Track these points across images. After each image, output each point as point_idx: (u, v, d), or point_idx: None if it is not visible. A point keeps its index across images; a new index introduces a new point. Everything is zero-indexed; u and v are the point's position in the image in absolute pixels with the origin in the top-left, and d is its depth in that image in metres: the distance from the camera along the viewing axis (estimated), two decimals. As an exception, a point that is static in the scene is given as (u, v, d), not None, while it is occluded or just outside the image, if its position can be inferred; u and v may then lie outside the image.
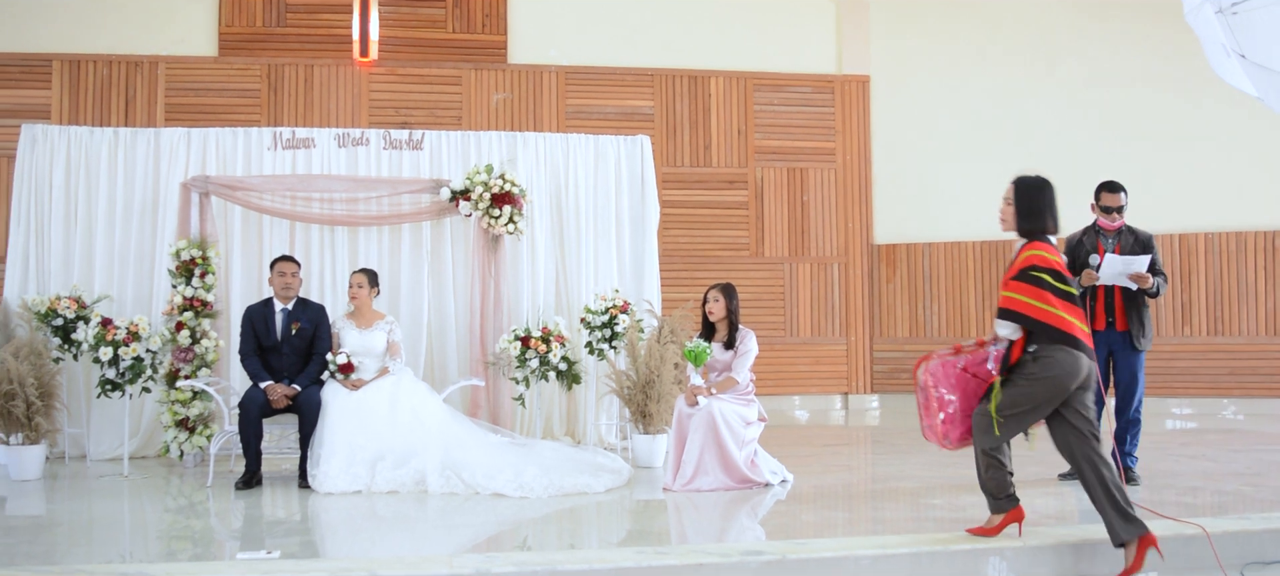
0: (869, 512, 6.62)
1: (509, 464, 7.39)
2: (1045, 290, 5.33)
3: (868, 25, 13.21)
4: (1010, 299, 5.39)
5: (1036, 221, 5.51)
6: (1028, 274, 5.37)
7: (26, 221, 9.15)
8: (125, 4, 11.96)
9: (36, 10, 11.80)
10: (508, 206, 9.13)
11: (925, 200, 12.95)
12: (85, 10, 11.87)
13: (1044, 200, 5.53)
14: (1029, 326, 5.34)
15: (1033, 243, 5.48)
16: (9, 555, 5.51)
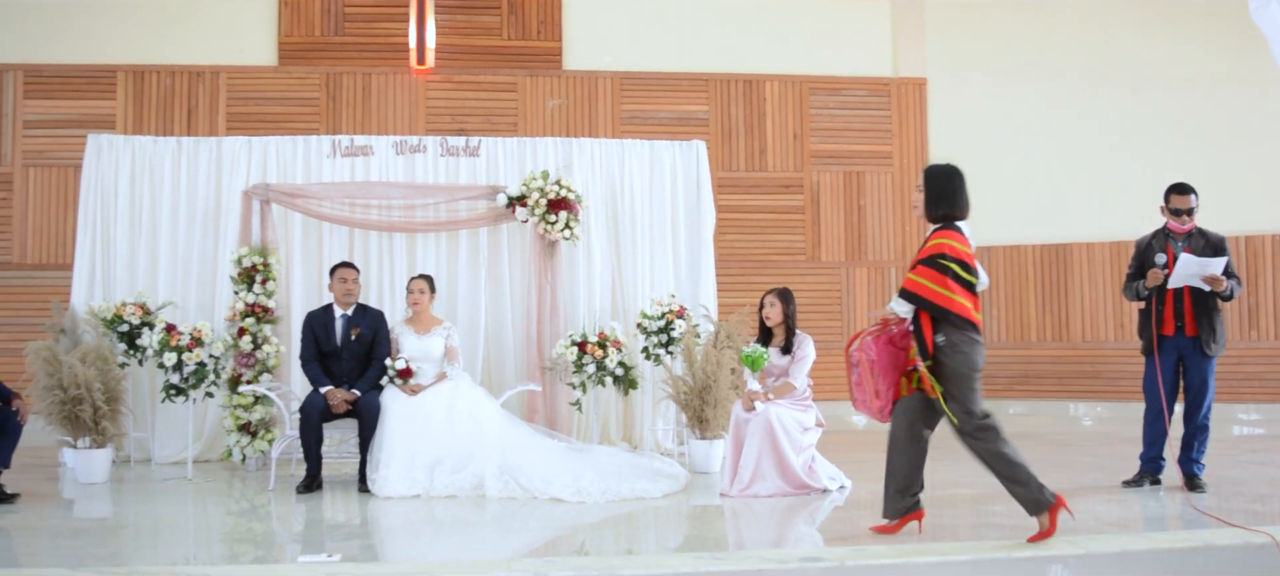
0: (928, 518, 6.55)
1: (566, 469, 7.40)
2: (950, 278, 5.51)
3: (923, 27, 13.10)
4: (914, 282, 5.57)
5: (944, 208, 5.67)
6: (935, 260, 5.54)
7: (93, 229, 9.32)
8: (187, 16, 12.14)
9: (101, 23, 12.02)
10: (564, 212, 9.15)
11: (983, 203, 12.68)
12: (148, 22, 12.07)
13: (952, 187, 5.69)
14: (928, 311, 5.52)
15: (942, 230, 5.63)
16: (77, 556, 5.60)
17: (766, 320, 7.54)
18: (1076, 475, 7.92)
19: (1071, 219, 12.47)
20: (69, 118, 11.78)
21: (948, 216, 5.68)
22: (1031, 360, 12.49)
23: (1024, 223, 12.62)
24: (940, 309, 5.51)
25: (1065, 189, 12.53)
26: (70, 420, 7.98)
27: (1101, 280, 12.19)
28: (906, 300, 5.61)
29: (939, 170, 5.77)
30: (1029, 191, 12.63)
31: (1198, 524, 6.09)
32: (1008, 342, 12.54)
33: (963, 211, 5.71)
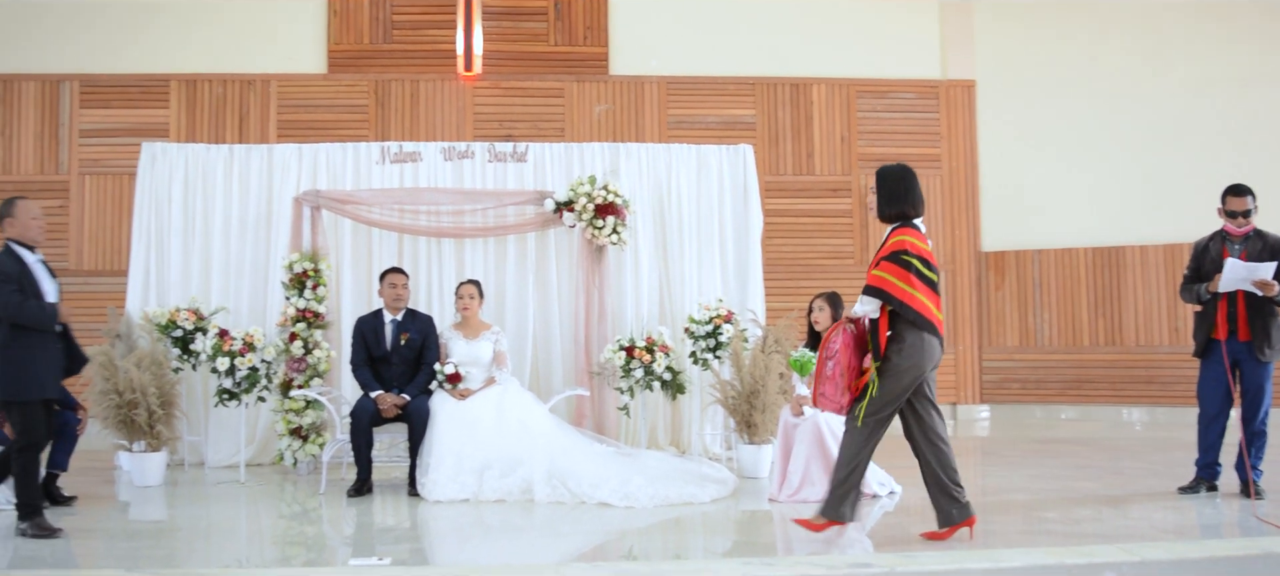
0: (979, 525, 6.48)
1: (614, 473, 7.39)
2: (912, 274, 5.58)
3: (973, 28, 13.00)
4: (879, 277, 5.61)
5: (897, 206, 5.77)
6: (898, 256, 5.60)
7: (147, 236, 9.44)
8: (238, 26, 12.30)
9: (155, 34, 12.20)
10: (611, 217, 9.16)
11: (1035, 206, 12.69)
12: (201, 33, 12.24)
13: (904, 187, 5.79)
14: (892, 306, 5.57)
15: (902, 228, 5.73)
16: (133, 558, 5.68)
17: (815, 325, 7.50)
18: (1131, 481, 7.82)
19: (1124, 221, 12.32)
20: (124, 127, 11.97)
21: (902, 215, 5.78)
22: (1084, 365, 12.35)
23: (1076, 225, 12.49)
24: (904, 305, 5.57)
25: (1117, 191, 12.38)
26: (126, 424, 8.09)
27: (1155, 283, 12.03)
28: (872, 297, 5.65)
29: (891, 170, 5.89)
30: (1080, 194, 12.51)
31: (1256, 531, 6.00)
32: (1060, 347, 12.41)
33: (916, 209, 5.80)
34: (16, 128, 11.96)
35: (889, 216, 5.82)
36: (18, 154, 11.93)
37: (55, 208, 11.85)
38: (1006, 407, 12.53)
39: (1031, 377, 12.55)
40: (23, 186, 11.81)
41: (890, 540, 6.16)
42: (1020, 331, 12.61)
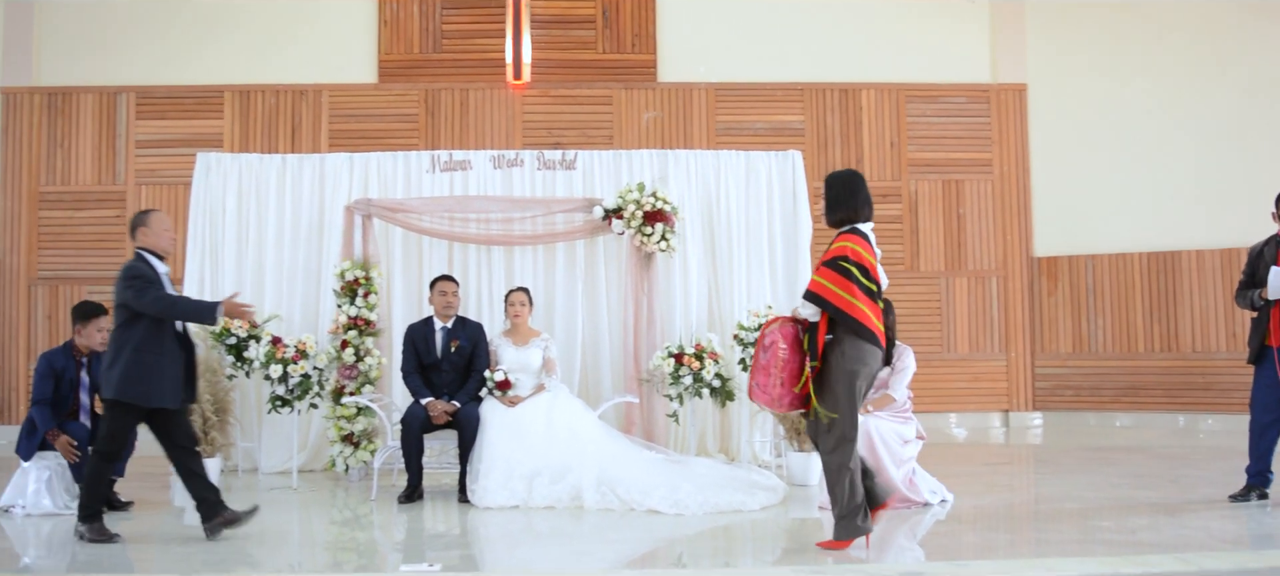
0: (1033, 534, 6.43)
1: (664, 480, 7.38)
2: (852, 282, 5.62)
3: (1024, 32, 12.88)
4: (819, 283, 5.67)
5: (844, 211, 5.84)
6: (838, 263, 5.66)
7: (202, 245, 9.56)
8: (291, 37, 12.45)
9: (209, 46, 12.37)
10: (660, 224, 9.17)
11: (1088, 211, 12.54)
12: (254, 44, 12.40)
13: (850, 191, 5.87)
14: (830, 313, 5.61)
15: (846, 234, 5.77)
16: (187, 563, 5.75)
17: (865, 331, 7.44)
18: (1187, 490, 7.69)
19: (1180, 226, 12.15)
20: (179, 137, 12.15)
21: (849, 220, 5.84)
22: (1139, 371, 12.17)
23: (1130, 230, 12.33)
24: (841, 312, 5.61)
25: (1173, 195, 12.22)
26: (181, 431, 8.18)
27: (1212, 288, 11.85)
28: (810, 302, 5.70)
29: (839, 175, 5.97)
30: (1135, 198, 12.34)
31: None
32: (1114, 353, 12.24)
33: (863, 214, 5.85)
34: (75, 139, 12.17)
35: (836, 221, 5.88)
36: (76, 165, 12.14)
37: (112, 218, 12.05)
38: (1060, 415, 12.38)
39: (1085, 384, 12.39)
40: (81, 197, 12.04)
41: (942, 549, 6.11)
42: (1074, 337, 12.46)
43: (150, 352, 6.23)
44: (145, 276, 6.28)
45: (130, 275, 6.26)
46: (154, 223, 6.51)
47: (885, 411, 7.22)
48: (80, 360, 7.45)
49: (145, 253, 6.44)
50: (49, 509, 7.14)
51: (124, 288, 6.23)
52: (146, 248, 6.45)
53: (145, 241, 6.46)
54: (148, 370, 6.22)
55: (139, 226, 6.50)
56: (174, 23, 12.40)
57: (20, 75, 12.19)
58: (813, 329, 5.72)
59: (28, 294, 11.97)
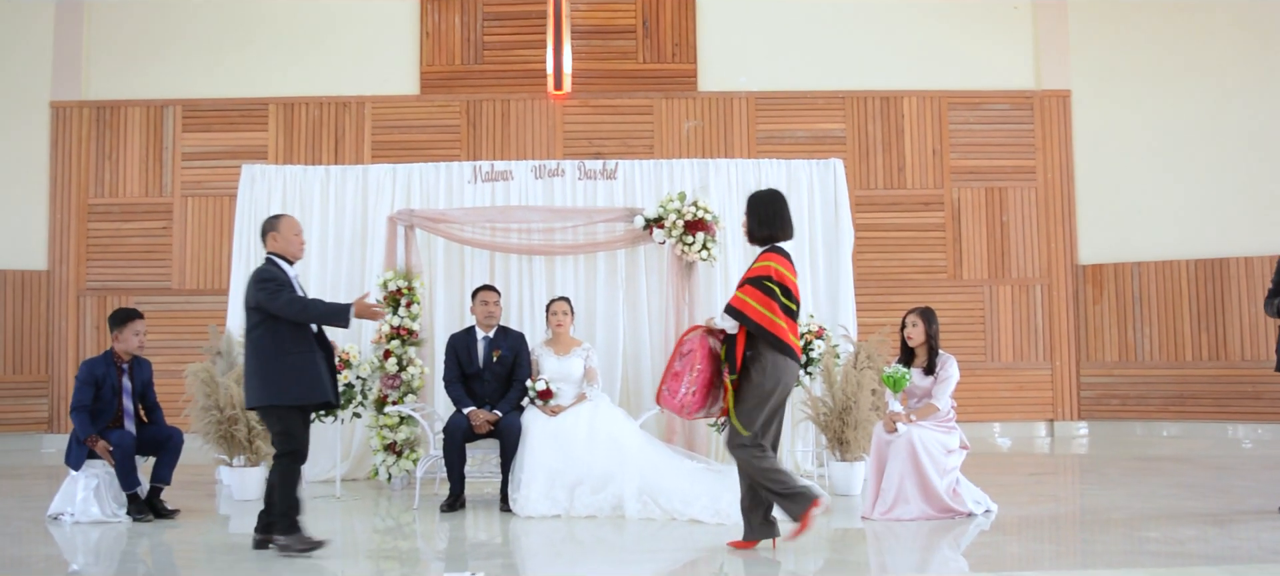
0: (1079, 544, 6.36)
1: (706, 490, 7.36)
2: (773, 300, 5.81)
3: (1067, 37, 12.77)
4: (741, 299, 5.85)
5: (767, 230, 6.05)
6: (761, 282, 5.85)
7: (247, 255, 9.65)
8: (334, 50, 12.56)
9: (253, 59, 12.52)
10: (701, 233, 9.16)
11: (1134, 217, 12.41)
12: (297, 57, 12.53)
13: (773, 211, 6.08)
14: (751, 328, 5.79)
15: (769, 253, 5.97)
16: (231, 571, 5.81)
17: (908, 340, 7.40)
18: (1237, 500, 7.58)
19: (1228, 232, 12.00)
20: (224, 149, 12.30)
21: (771, 238, 6.04)
22: (1187, 380, 12.01)
23: (1177, 237, 12.18)
24: (762, 329, 5.79)
25: (1220, 200, 12.06)
26: (226, 439, 8.28)
27: (1261, 296, 11.66)
28: (731, 317, 5.86)
29: (762, 195, 6.17)
30: (1182, 204, 12.20)
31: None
32: (1161, 362, 12.09)
33: (785, 233, 6.06)
34: (123, 152, 12.34)
35: (759, 239, 6.06)
36: (124, 177, 12.31)
37: (159, 229, 12.21)
38: (1106, 424, 12.25)
39: (1132, 393, 12.25)
40: (128, 208, 12.21)
41: (986, 560, 6.06)
42: (1120, 346, 12.32)
43: (297, 352, 6.17)
44: (277, 279, 6.20)
45: (262, 278, 6.20)
46: (284, 228, 6.44)
47: (929, 421, 7.17)
48: (121, 366, 7.55)
49: (275, 257, 6.37)
50: (97, 516, 7.23)
51: (257, 290, 6.16)
52: (276, 252, 6.38)
53: (275, 246, 6.40)
54: (301, 369, 6.17)
55: (269, 231, 6.44)
56: (219, 37, 12.55)
57: (69, 89, 12.39)
58: (730, 342, 5.89)
59: (77, 304, 12.15)
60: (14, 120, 12.33)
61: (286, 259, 6.40)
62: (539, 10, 12.51)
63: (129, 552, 6.42)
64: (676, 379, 5.95)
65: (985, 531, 6.69)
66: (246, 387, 6.24)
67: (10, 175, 12.28)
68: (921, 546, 6.35)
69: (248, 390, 6.23)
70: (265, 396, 6.14)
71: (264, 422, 6.26)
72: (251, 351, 6.22)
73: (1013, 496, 7.86)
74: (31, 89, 12.38)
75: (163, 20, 12.57)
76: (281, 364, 6.14)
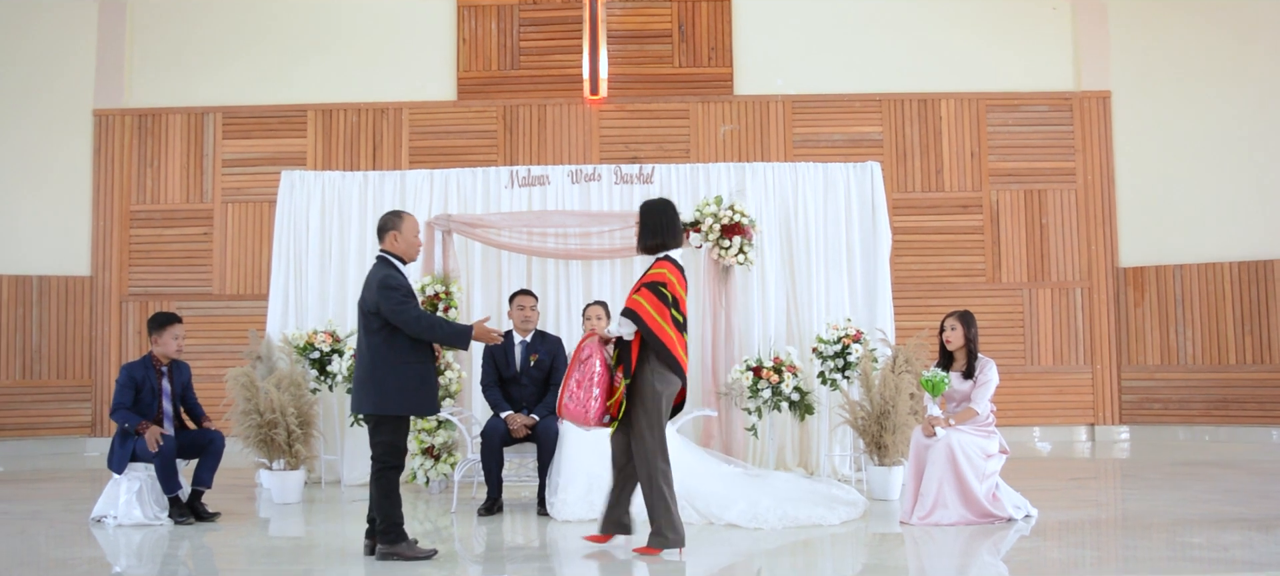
0: (1120, 550, 6.29)
1: (743, 494, 7.35)
2: (667, 307, 5.91)
3: (1107, 37, 12.65)
4: (638, 303, 5.92)
5: (658, 238, 6.12)
6: (657, 288, 5.94)
7: (286, 261, 9.74)
8: (372, 57, 12.64)
9: (292, 66, 12.62)
10: (737, 237, 9.15)
11: (1176, 219, 12.27)
12: (336, 64, 12.62)
13: (664, 220, 6.14)
14: (644, 333, 5.87)
15: (663, 261, 6.06)
16: (273, 573, 5.85)
17: (947, 343, 7.35)
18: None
19: (1272, 233, 11.84)
20: (264, 156, 12.41)
21: (661, 247, 6.11)
22: (1230, 384, 11.87)
23: (1221, 239, 12.03)
24: (653, 335, 5.88)
25: (1264, 201, 11.91)
26: (266, 443, 8.34)
27: (1306, 298, 11.53)
28: (629, 320, 5.93)
29: (652, 204, 6.22)
30: (1225, 206, 12.05)
31: None
32: (1204, 365, 11.95)
33: (676, 242, 6.13)
34: (164, 158, 12.47)
35: (650, 248, 6.14)
36: (165, 183, 12.44)
37: (200, 235, 12.33)
38: (1147, 428, 12.12)
39: (1174, 398, 12.11)
40: (170, 214, 12.34)
41: (1026, 565, 6.01)
42: (1162, 349, 12.18)
43: (417, 362, 6.01)
44: (404, 288, 5.98)
45: (389, 285, 5.94)
46: (407, 228, 6.18)
47: (968, 425, 7.11)
48: (160, 369, 7.62)
49: (393, 258, 6.16)
50: (139, 519, 7.30)
51: (383, 295, 5.92)
52: (394, 253, 6.14)
53: (394, 246, 6.14)
54: (422, 379, 6.02)
55: (390, 229, 6.16)
56: (258, 45, 12.67)
57: (112, 98, 12.54)
58: (625, 346, 5.97)
59: (119, 309, 12.29)
60: (58, 129, 12.49)
61: (402, 260, 6.19)
62: (575, 15, 12.54)
63: (170, 555, 6.49)
64: (579, 386, 5.99)
65: (1025, 536, 6.63)
66: (360, 392, 6.01)
67: (55, 183, 12.43)
68: (961, 551, 6.30)
69: (361, 396, 6.01)
70: (382, 405, 5.95)
71: (373, 430, 6.03)
72: (369, 357, 6.00)
73: (1053, 501, 7.80)
74: (75, 98, 12.54)
75: (203, 29, 12.71)
76: (402, 373, 5.96)
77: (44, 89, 12.50)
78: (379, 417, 5.98)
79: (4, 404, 11.98)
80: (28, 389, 12.10)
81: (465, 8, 12.63)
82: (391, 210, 6.39)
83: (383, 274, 6.00)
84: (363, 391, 6.01)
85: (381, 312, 5.92)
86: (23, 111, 12.42)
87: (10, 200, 12.30)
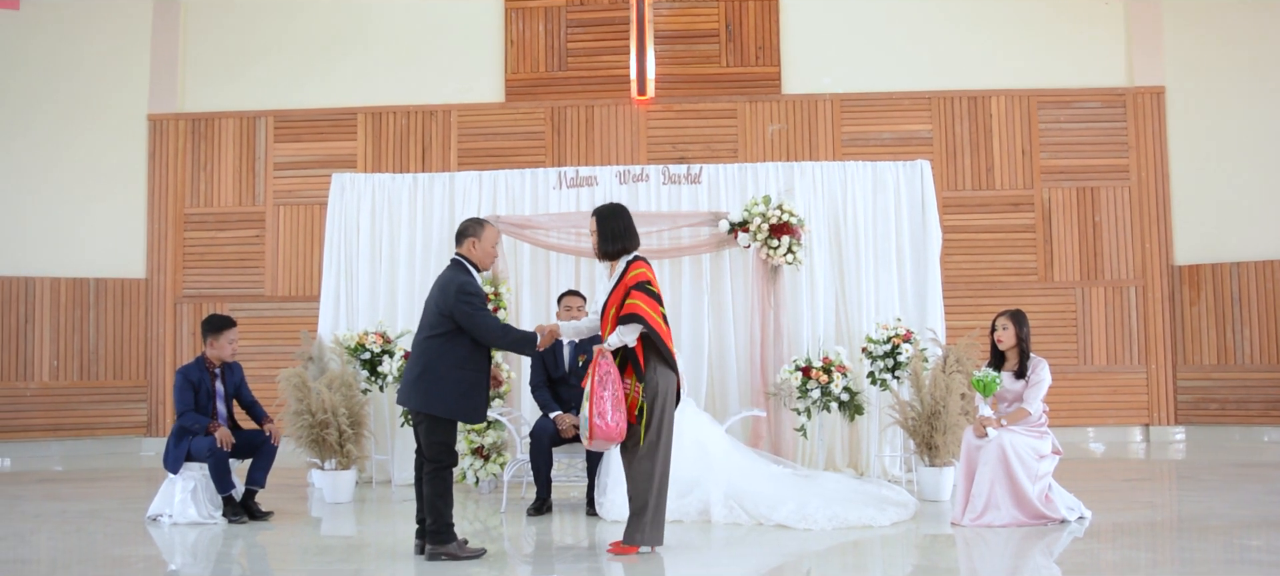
0: (1176, 553, 6.20)
1: (792, 495, 7.32)
2: (658, 305, 6.01)
3: (1161, 32, 12.47)
4: (637, 307, 5.92)
5: (619, 243, 6.17)
6: (646, 287, 6.00)
7: (337, 263, 9.83)
8: (420, 59, 12.73)
9: (342, 70, 12.74)
10: (786, 237, 9.12)
11: (1232, 216, 12.07)
12: (385, 67, 12.73)
13: (625, 224, 6.21)
14: (650, 335, 5.93)
15: (638, 262, 6.13)
16: (324, 572, 5.91)
17: (999, 343, 7.27)
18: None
19: (1332, 230, 11.63)
20: (314, 159, 12.53)
21: (624, 250, 6.17)
22: (1289, 383, 11.66)
23: (1278, 235, 11.82)
24: (658, 336, 5.95)
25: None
26: (318, 443, 8.42)
27: (1368, 296, 11.31)
28: (634, 324, 5.94)
29: (607, 209, 6.29)
30: (1283, 202, 11.84)
31: None
32: (1262, 365, 11.75)
33: (635, 243, 6.21)
34: (217, 162, 12.63)
35: (613, 253, 6.18)
36: (218, 187, 12.61)
37: (252, 237, 12.48)
38: (1203, 429, 11.93)
39: (1231, 398, 11.91)
40: (223, 217, 12.49)
41: (1080, 567, 5.94)
42: (1218, 349, 11.99)
43: (474, 370, 6.06)
44: (480, 294, 6.07)
45: (466, 290, 6.01)
46: (487, 238, 6.25)
47: (1019, 426, 7.03)
48: (213, 371, 7.72)
49: (468, 263, 6.22)
50: (194, 518, 7.39)
51: (459, 301, 5.97)
52: (470, 259, 6.21)
53: (472, 253, 6.22)
54: (476, 386, 6.08)
55: (470, 235, 6.23)
56: (309, 49, 12.79)
57: (166, 103, 12.72)
58: (630, 352, 5.99)
59: (174, 311, 12.46)
60: (114, 134, 12.69)
61: (477, 267, 6.24)
62: (622, 16, 12.56)
63: (224, 553, 6.57)
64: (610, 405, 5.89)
65: (1079, 538, 6.55)
66: (413, 389, 6.05)
67: (111, 187, 12.63)
68: (1013, 553, 6.24)
69: (414, 393, 6.05)
70: (428, 404, 6.01)
71: (424, 429, 6.08)
72: (429, 356, 6.04)
73: (1107, 502, 7.70)
74: (131, 103, 12.73)
75: (254, 34, 12.86)
76: (458, 377, 6.01)
77: (100, 96, 12.70)
78: (432, 419, 6.03)
79: (63, 404, 12.19)
80: (85, 390, 12.30)
81: (513, 10, 12.68)
82: (475, 217, 6.49)
83: (461, 280, 6.05)
84: (413, 388, 6.06)
85: (454, 315, 5.97)
86: (80, 118, 12.63)
87: (68, 204, 12.51)
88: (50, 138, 12.56)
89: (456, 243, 6.28)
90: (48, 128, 12.57)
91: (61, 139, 12.58)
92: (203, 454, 7.38)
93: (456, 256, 6.23)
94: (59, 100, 12.61)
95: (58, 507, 8.30)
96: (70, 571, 6.13)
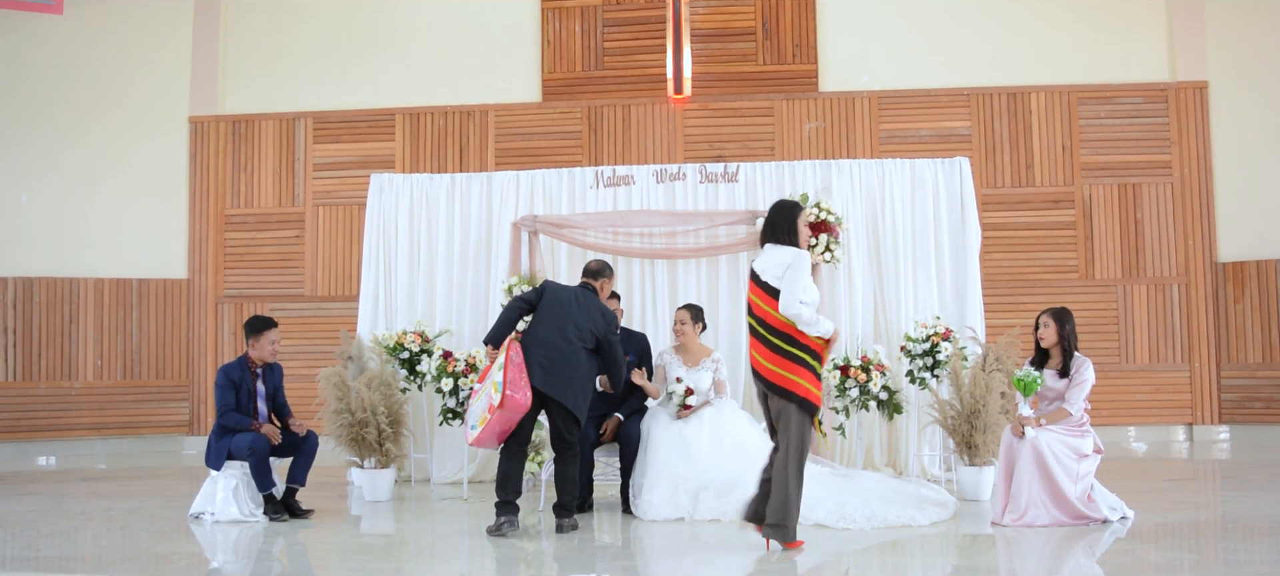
0: (1220, 554, 6.12)
1: (830, 494, 7.29)
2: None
3: (1203, 26, 12.32)
4: None
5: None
6: None
7: (376, 263, 9.88)
8: (458, 60, 12.79)
9: (380, 71, 12.82)
10: (824, 235, 9.08)
11: (1277, 213, 11.91)
12: (423, 68, 12.80)
13: None
14: None
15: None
16: (364, 570, 5.94)
17: (1041, 341, 7.20)
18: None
19: (1380, 227, 11.45)
20: (353, 159, 12.62)
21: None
22: (1336, 382, 11.49)
23: (1324, 233, 11.66)
24: None
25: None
26: (357, 442, 8.48)
27: None
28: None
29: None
30: (1330, 199, 11.67)
31: None
32: (1308, 363, 11.59)
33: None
34: (257, 163, 12.75)
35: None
36: (258, 188, 12.72)
37: (292, 238, 12.58)
38: (1248, 428, 11.78)
39: (1276, 396, 11.74)
40: (263, 218, 12.60)
41: (1122, 568, 5.88)
42: (1263, 347, 11.83)
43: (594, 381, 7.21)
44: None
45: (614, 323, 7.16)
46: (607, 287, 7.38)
47: (1058, 425, 6.96)
48: (255, 371, 7.78)
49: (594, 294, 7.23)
50: (236, 516, 7.46)
51: (610, 331, 7.05)
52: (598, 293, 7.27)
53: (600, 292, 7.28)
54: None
55: (605, 276, 7.36)
56: (347, 50, 12.88)
57: (207, 105, 12.85)
58: None
59: (215, 311, 12.59)
60: (156, 136, 12.84)
61: None
62: (658, 15, 12.56)
63: (265, 551, 6.62)
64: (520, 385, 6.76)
65: (1121, 538, 6.48)
66: (578, 391, 6.90)
67: (153, 189, 12.78)
68: (1054, 553, 6.18)
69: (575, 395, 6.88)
70: (579, 407, 6.91)
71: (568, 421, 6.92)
72: (585, 369, 6.95)
73: (1150, 502, 7.61)
74: (171, 105, 12.88)
75: (293, 36, 12.96)
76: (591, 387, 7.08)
77: (141, 98, 12.85)
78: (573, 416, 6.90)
79: (106, 403, 12.35)
80: (128, 389, 12.44)
81: (549, 10, 12.71)
82: (607, 262, 7.52)
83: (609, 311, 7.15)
84: (577, 392, 6.89)
85: (605, 337, 7.00)
86: (122, 120, 12.79)
87: (111, 206, 12.66)
88: (92, 140, 12.72)
89: (593, 277, 7.31)
90: (89, 131, 12.73)
91: (103, 141, 12.73)
92: (243, 452, 7.45)
93: (586, 284, 7.25)
94: (101, 104, 12.77)
95: (102, 505, 8.40)
96: (114, 568, 6.20)
